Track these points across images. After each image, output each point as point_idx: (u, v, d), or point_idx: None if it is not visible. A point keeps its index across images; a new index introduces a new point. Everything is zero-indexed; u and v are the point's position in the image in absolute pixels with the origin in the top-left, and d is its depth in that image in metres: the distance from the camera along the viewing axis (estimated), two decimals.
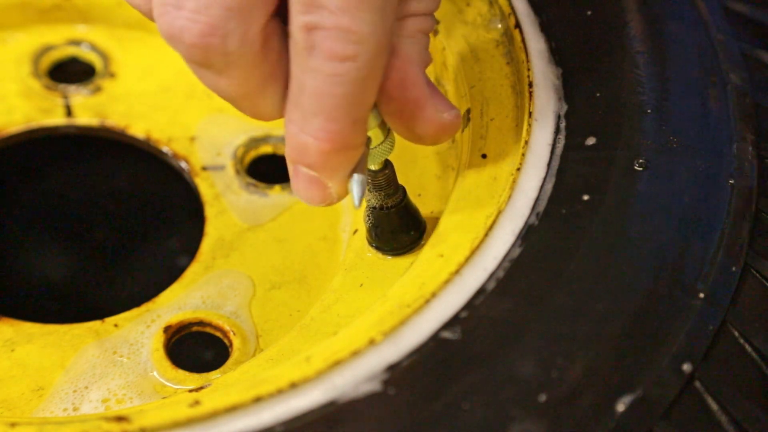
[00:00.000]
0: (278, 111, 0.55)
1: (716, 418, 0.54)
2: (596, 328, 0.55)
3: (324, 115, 0.53)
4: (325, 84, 0.52)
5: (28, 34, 0.81)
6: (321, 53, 0.51)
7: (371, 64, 0.52)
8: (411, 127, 0.57)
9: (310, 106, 0.53)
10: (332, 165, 0.55)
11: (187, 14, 0.51)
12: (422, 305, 0.56)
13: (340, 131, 0.53)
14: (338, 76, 0.52)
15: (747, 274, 0.58)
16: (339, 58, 0.51)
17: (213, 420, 0.53)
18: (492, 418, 0.52)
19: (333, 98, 0.52)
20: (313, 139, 0.53)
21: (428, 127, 0.57)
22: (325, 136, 0.53)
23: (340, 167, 0.55)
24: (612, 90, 0.64)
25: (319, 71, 0.52)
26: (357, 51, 0.51)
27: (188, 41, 0.52)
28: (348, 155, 0.55)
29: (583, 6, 0.68)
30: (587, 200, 0.60)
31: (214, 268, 0.70)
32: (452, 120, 0.58)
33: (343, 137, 0.53)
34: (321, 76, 0.52)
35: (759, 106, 0.65)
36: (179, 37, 0.52)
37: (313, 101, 0.53)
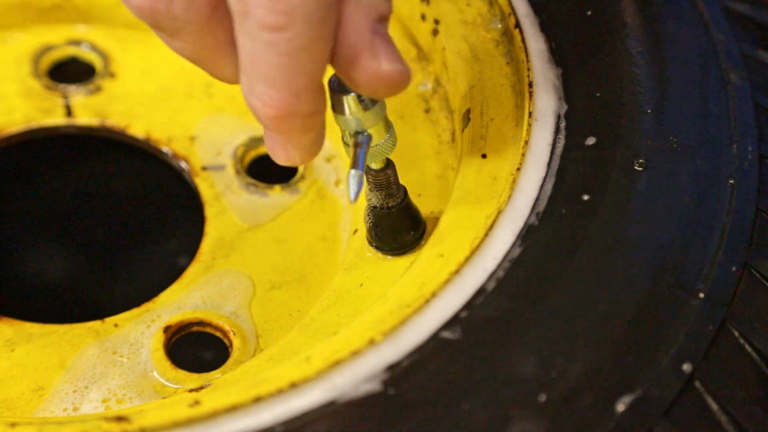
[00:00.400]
0: (236, 74, 0.55)
1: (716, 418, 0.54)
2: (596, 328, 0.55)
3: (264, 82, 0.52)
4: (261, 51, 0.52)
5: (28, 34, 0.81)
6: (253, 21, 0.51)
7: (303, 36, 0.51)
8: (348, 74, 0.55)
9: (251, 71, 0.52)
10: (283, 129, 0.54)
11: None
12: (422, 305, 0.56)
13: (281, 98, 0.53)
14: (271, 45, 0.51)
15: (747, 274, 0.58)
16: (269, 28, 0.51)
17: (213, 420, 0.53)
18: (492, 418, 0.52)
19: (269, 65, 0.52)
20: (258, 103, 0.53)
21: (363, 75, 0.54)
22: (267, 101, 0.53)
23: (293, 132, 0.54)
24: (612, 90, 0.64)
25: (253, 38, 0.51)
26: (286, 22, 0.50)
27: (134, 4, 0.53)
28: (297, 122, 0.54)
29: (583, 6, 0.68)
30: (587, 200, 0.60)
31: (214, 268, 0.70)
32: (391, 72, 0.54)
33: (285, 105, 0.53)
34: (256, 42, 0.51)
35: (759, 106, 0.65)
36: (128, 1, 0.52)
37: (253, 66, 0.52)
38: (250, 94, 0.53)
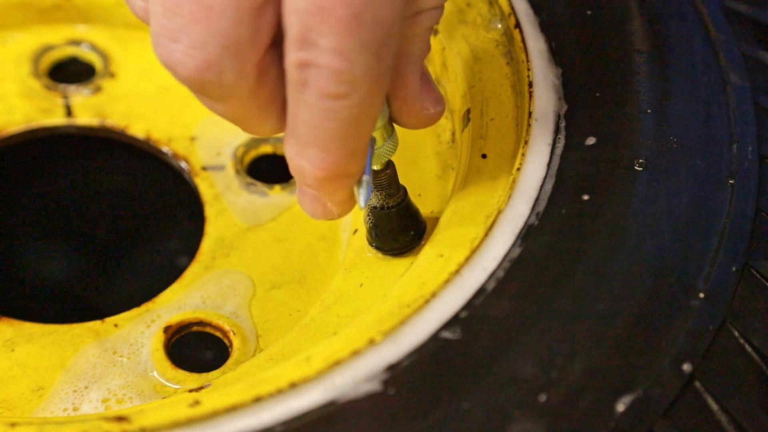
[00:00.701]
0: (274, 130, 0.55)
1: (716, 418, 0.54)
2: (596, 328, 0.55)
3: (318, 146, 0.53)
4: (318, 118, 0.52)
5: (28, 34, 0.81)
6: (313, 90, 0.51)
7: (364, 103, 0.52)
8: (395, 117, 0.58)
9: (304, 136, 0.53)
10: (329, 190, 0.55)
11: (183, 49, 0.51)
12: (422, 305, 0.56)
13: (334, 161, 0.53)
14: (331, 112, 0.51)
15: (747, 274, 0.58)
16: (331, 97, 0.51)
17: (213, 420, 0.53)
18: (492, 418, 0.52)
19: (326, 131, 0.52)
20: (308, 166, 0.54)
21: (412, 120, 0.58)
22: (319, 164, 0.53)
23: (338, 191, 0.56)
24: (612, 90, 0.64)
25: (311, 106, 0.51)
26: (349, 91, 0.51)
27: (184, 74, 0.52)
28: (344, 182, 0.55)
29: (583, 6, 0.68)
30: (587, 200, 0.60)
31: (214, 268, 0.70)
32: (435, 115, 0.58)
33: (338, 167, 0.54)
34: (314, 110, 0.52)
35: (759, 106, 0.65)
36: (175, 70, 0.52)
37: (308, 132, 0.53)
38: (299, 157, 0.54)
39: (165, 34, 0.51)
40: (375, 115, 0.53)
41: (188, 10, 0.50)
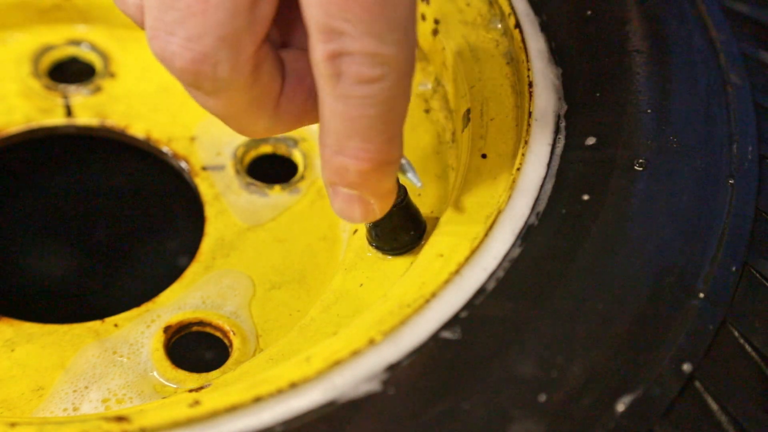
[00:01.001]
0: (264, 130, 0.55)
1: (716, 418, 0.54)
2: (596, 328, 0.55)
3: (359, 137, 0.53)
4: (357, 107, 0.52)
5: (28, 34, 0.81)
6: (349, 79, 0.51)
7: (401, 83, 0.52)
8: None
9: (344, 130, 0.53)
10: (373, 182, 0.55)
11: (179, 41, 0.51)
12: (422, 305, 0.56)
13: (377, 149, 0.53)
14: (369, 98, 0.51)
15: (747, 274, 0.58)
16: (368, 81, 0.51)
17: (213, 420, 0.53)
18: (492, 418, 0.52)
19: (366, 119, 0.52)
20: (351, 160, 0.53)
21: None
22: (363, 155, 0.53)
23: (381, 182, 0.55)
24: (612, 90, 0.64)
25: (349, 96, 0.51)
26: (385, 71, 0.51)
27: (179, 66, 0.52)
28: (387, 170, 0.55)
29: (583, 6, 0.68)
30: (587, 200, 0.60)
31: (214, 268, 0.70)
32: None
33: (381, 154, 0.53)
34: (351, 100, 0.51)
35: (759, 106, 0.65)
36: (170, 62, 0.52)
37: (347, 125, 0.52)
38: (339, 154, 0.54)
39: (161, 27, 0.51)
40: (409, 93, 0.53)
41: (185, 3, 0.50)
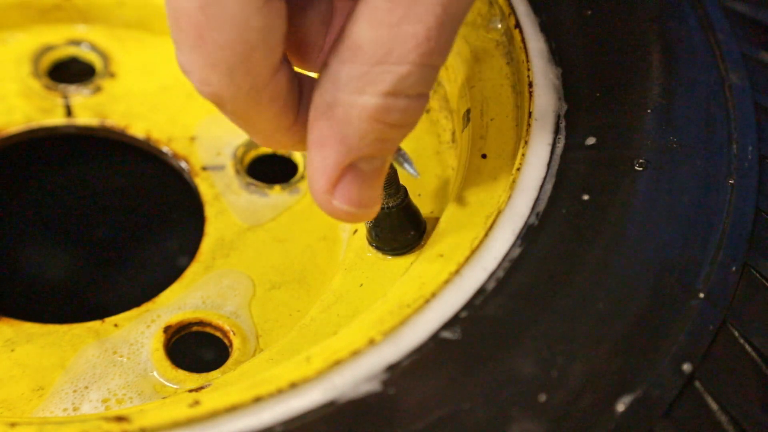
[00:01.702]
0: (289, 145, 0.55)
1: (716, 418, 0.54)
2: (596, 328, 0.55)
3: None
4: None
5: (28, 34, 0.81)
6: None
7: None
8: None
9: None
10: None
11: (196, 82, 0.51)
12: (422, 305, 0.56)
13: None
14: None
15: (747, 274, 0.58)
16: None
17: (213, 420, 0.53)
18: (492, 418, 0.52)
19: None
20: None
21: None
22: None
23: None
24: (612, 90, 0.64)
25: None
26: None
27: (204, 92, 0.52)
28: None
29: (583, 6, 0.68)
30: (587, 200, 0.60)
31: (214, 268, 0.70)
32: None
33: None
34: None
35: (759, 106, 0.65)
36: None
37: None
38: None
39: (183, 68, 0.52)
40: None
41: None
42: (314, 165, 0.53)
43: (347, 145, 0.52)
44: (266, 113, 0.52)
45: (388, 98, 0.50)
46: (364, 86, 0.50)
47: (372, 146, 0.52)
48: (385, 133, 0.52)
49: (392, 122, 0.51)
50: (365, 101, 0.50)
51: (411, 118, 0.52)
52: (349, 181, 0.53)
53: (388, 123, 0.51)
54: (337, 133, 0.51)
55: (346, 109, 0.51)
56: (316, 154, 0.52)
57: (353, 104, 0.51)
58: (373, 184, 0.54)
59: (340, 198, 0.54)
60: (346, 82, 0.50)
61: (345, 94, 0.51)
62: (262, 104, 0.52)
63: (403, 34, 0.49)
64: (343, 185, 0.53)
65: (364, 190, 0.54)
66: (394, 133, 0.52)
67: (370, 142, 0.52)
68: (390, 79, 0.50)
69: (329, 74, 0.51)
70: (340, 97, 0.51)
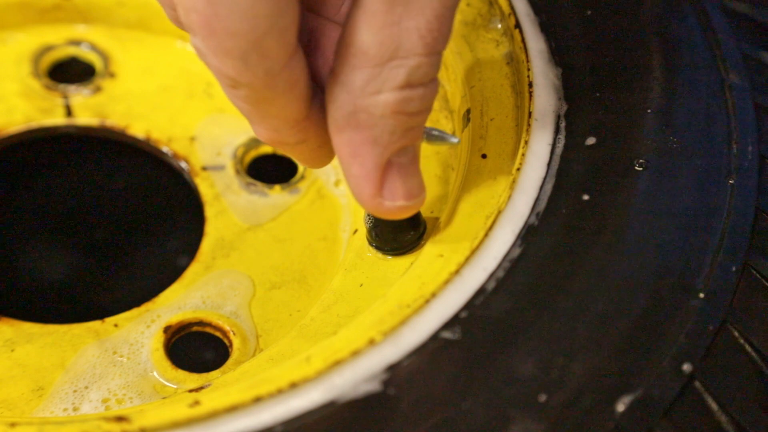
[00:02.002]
0: (297, 141, 0.56)
1: (716, 418, 0.54)
2: (596, 328, 0.55)
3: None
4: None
5: (28, 34, 0.81)
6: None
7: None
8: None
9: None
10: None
11: (213, 67, 0.52)
12: (422, 305, 0.56)
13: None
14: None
15: (747, 274, 0.58)
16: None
17: (213, 420, 0.53)
18: (492, 418, 0.52)
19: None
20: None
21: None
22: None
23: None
24: (612, 90, 0.64)
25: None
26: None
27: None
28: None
29: (583, 6, 0.68)
30: (587, 200, 0.60)
31: (214, 268, 0.70)
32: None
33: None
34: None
35: (759, 106, 0.65)
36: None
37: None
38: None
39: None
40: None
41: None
42: (355, 174, 0.55)
43: (380, 145, 0.54)
44: (281, 100, 0.53)
45: (405, 91, 0.52)
46: (380, 86, 0.52)
47: (402, 138, 0.54)
48: (410, 122, 0.54)
49: (414, 111, 0.53)
50: (385, 99, 0.52)
51: (429, 102, 0.54)
52: (392, 178, 0.55)
53: (411, 113, 0.53)
54: (367, 137, 0.53)
55: (368, 112, 0.53)
56: (352, 164, 0.54)
57: (375, 105, 0.52)
58: (414, 172, 0.56)
59: (390, 196, 0.56)
60: (361, 87, 0.52)
61: (364, 98, 0.52)
62: (278, 89, 0.52)
63: (406, 30, 0.51)
64: (388, 184, 0.55)
65: (408, 180, 0.56)
66: (418, 119, 0.54)
67: (400, 134, 0.54)
68: (403, 73, 0.52)
69: (341, 84, 0.53)
70: (360, 102, 0.52)
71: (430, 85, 0.53)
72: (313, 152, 0.57)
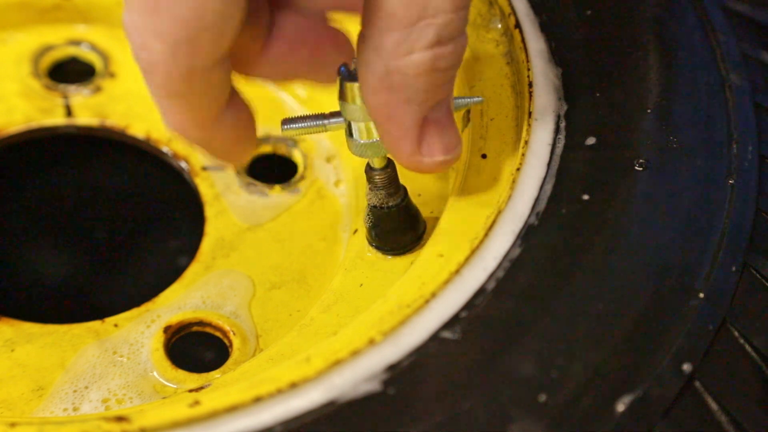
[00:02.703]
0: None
1: (716, 418, 0.54)
2: (596, 328, 0.55)
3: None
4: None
5: (28, 34, 0.81)
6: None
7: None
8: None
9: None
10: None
11: (136, 45, 0.53)
12: (422, 305, 0.56)
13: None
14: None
15: (747, 274, 0.58)
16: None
17: (213, 420, 0.53)
18: (492, 418, 0.52)
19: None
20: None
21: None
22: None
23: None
24: (612, 90, 0.64)
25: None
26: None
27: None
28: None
29: (583, 6, 0.68)
30: (587, 200, 0.60)
31: (214, 268, 0.70)
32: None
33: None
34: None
35: (759, 106, 0.65)
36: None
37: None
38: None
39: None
40: None
41: None
42: (393, 135, 0.55)
43: (416, 103, 0.54)
44: (192, 98, 0.53)
45: (436, 48, 0.53)
46: (411, 46, 0.52)
47: (436, 94, 0.55)
48: (443, 78, 0.54)
49: (446, 66, 0.54)
50: (417, 58, 0.53)
51: (460, 56, 0.54)
52: (430, 134, 0.56)
53: (443, 68, 0.54)
54: (402, 96, 0.54)
55: (401, 72, 0.53)
56: (391, 126, 0.55)
57: (408, 65, 0.53)
58: (449, 125, 0.57)
59: (429, 152, 0.56)
60: (393, 48, 0.53)
61: (396, 59, 0.53)
62: (193, 89, 0.52)
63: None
64: (426, 141, 0.56)
65: (445, 135, 0.56)
66: (450, 74, 0.55)
67: (434, 91, 0.54)
68: (433, 31, 0.52)
69: (373, 49, 0.53)
70: (393, 64, 0.53)
71: (459, 39, 0.54)
72: (215, 152, 0.57)
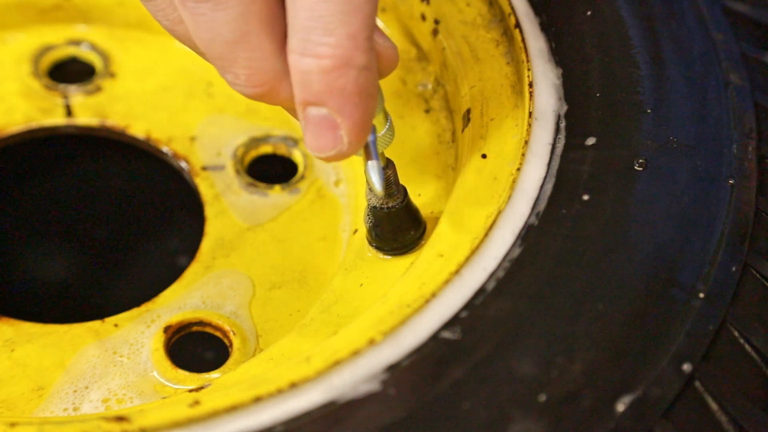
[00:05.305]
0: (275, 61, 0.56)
1: (716, 418, 0.54)
2: (596, 328, 0.55)
3: (319, 30, 0.52)
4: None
5: (28, 34, 0.81)
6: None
7: None
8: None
9: (305, 24, 0.53)
10: (337, 88, 0.54)
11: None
12: (422, 305, 0.56)
13: (338, 44, 0.53)
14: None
15: (747, 274, 0.58)
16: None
17: (213, 420, 0.53)
18: (492, 418, 0.52)
19: (327, 10, 0.52)
20: (312, 59, 0.53)
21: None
22: (324, 51, 0.53)
23: (345, 91, 0.54)
24: (612, 90, 0.64)
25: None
26: None
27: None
28: (351, 76, 0.53)
29: (583, 6, 0.68)
30: (587, 200, 0.60)
31: (214, 268, 0.70)
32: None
33: (342, 52, 0.53)
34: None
35: (759, 106, 0.65)
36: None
37: (307, 16, 0.53)
38: (303, 56, 0.53)
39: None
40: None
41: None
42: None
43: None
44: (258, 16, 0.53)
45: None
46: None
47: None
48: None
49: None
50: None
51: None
52: (307, 129, 0.56)
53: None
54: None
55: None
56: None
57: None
58: (326, 128, 0.55)
59: (307, 143, 0.56)
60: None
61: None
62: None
63: None
64: (306, 132, 0.56)
65: (320, 136, 0.56)
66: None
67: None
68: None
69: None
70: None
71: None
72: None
